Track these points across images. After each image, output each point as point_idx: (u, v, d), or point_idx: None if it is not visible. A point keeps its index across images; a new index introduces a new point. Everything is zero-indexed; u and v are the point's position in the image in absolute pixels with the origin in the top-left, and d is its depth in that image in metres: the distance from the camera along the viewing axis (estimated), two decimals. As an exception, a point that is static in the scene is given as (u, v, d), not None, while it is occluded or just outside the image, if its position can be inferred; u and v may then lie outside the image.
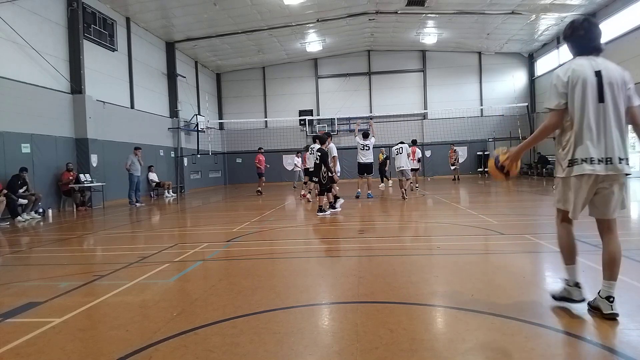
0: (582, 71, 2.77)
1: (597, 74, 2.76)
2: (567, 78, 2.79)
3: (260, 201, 14.15)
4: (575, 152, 2.77)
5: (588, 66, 2.79)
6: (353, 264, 4.69)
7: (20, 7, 12.08)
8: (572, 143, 2.79)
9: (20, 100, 11.93)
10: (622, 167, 2.72)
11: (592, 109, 2.73)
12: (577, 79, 2.76)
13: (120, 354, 2.54)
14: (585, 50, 2.87)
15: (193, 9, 17.60)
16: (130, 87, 17.67)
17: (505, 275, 3.99)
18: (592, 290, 3.00)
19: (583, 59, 2.84)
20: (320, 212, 9.08)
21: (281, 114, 26.45)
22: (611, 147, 2.71)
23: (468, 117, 25.15)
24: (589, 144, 2.72)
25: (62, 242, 7.36)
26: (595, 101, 2.73)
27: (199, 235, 6.84)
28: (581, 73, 2.77)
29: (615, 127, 2.72)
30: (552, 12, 19.12)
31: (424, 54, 26.61)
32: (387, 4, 19.38)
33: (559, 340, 2.51)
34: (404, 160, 12.47)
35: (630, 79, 2.84)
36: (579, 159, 2.75)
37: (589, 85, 2.74)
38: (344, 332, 2.75)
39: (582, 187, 2.76)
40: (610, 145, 2.71)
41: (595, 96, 2.73)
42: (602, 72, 2.76)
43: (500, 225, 6.94)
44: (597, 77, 2.75)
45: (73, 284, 4.22)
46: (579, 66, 2.81)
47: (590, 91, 2.74)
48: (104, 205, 14.02)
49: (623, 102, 2.77)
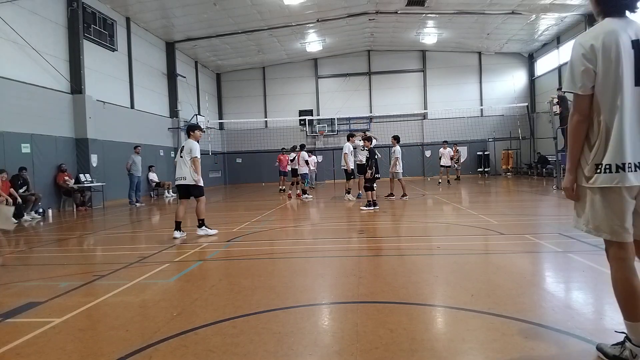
0: (615, 39, 1.99)
1: (635, 44, 1.99)
2: (596, 48, 2.02)
3: (261, 201, 14.16)
4: (605, 153, 2.06)
5: (623, 32, 2.00)
6: (353, 264, 4.69)
7: (20, 7, 12.08)
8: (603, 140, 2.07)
9: (20, 100, 11.93)
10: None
11: (629, 93, 2.01)
12: (610, 49, 2.00)
13: (120, 354, 2.54)
14: (616, 10, 2.07)
15: (193, 9, 17.61)
16: (130, 87, 17.68)
17: (505, 275, 3.99)
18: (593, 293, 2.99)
19: (615, 22, 2.05)
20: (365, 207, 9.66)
21: (281, 114, 26.46)
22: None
23: (468, 117, 25.15)
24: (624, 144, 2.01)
25: (62, 242, 7.36)
26: (631, 83, 2.00)
27: (199, 235, 6.84)
28: (615, 41, 1.99)
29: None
30: (552, 12, 19.11)
31: (424, 54, 26.61)
32: (387, 4, 19.38)
33: (559, 340, 2.51)
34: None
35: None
36: (614, 164, 2.03)
37: (625, 59, 1.98)
38: (344, 332, 2.75)
39: (613, 203, 2.07)
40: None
41: (631, 76, 2.00)
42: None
43: (500, 225, 6.94)
44: (634, 49, 1.99)
45: (73, 284, 4.22)
46: (610, 32, 2.01)
47: (627, 68, 1.99)
48: (104, 205, 14.02)
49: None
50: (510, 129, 24.64)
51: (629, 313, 2.08)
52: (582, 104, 2.09)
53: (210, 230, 6.98)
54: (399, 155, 11.95)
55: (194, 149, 6.83)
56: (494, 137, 25.21)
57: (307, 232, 7.46)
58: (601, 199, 2.09)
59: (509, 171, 24.71)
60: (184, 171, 6.82)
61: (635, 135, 2.03)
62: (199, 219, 6.96)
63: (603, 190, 2.07)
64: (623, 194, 2.05)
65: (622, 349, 2.11)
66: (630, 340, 2.09)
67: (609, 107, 2.03)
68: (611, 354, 2.15)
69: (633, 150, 2.02)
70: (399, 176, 12.06)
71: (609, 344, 2.21)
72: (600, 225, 2.10)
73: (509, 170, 24.71)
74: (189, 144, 6.91)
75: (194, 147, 6.85)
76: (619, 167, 2.01)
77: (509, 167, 24.71)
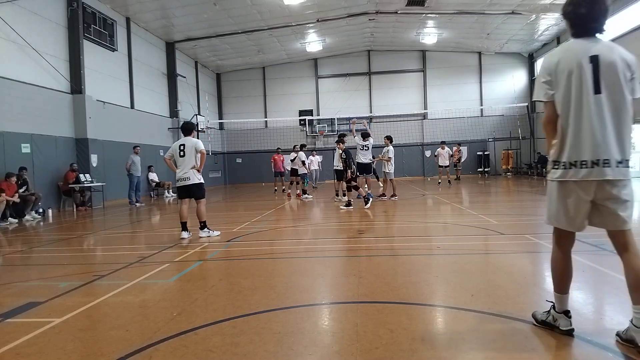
0: (573, 56, 2.37)
1: (594, 59, 2.33)
2: (554, 64, 2.42)
3: (260, 201, 14.16)
4: (562, 152, 2.40)
5: (582, 50, 2.37)
6: (353, 264, 4.69)
7: (20, 7, 12.08)
8: (560, 141, 2.41)
9: (20, 100, 11.93)
10: (620, 170, 2.31)
11: (585, 102, 2.32)
12: (566, 65, 2.38)
13: (120, 354, 2.54)
14: (583, 31, 2.43)
15: (193, 9, 17.61)
16: (130, 87, 17.68)
17: (505, 275, 3.99)
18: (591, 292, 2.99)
19: (579, 42, 2.43)
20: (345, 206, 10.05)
21: (281, 114, 26.46)
22: (606, 147, 2.30)
23: (468, 117, 25.16)
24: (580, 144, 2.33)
25: (62, 242, 7.36)
26: (590, 92, 2.32)
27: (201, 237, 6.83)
28: (572, 58, 2.37)
29: (612, 123, 2.31)
30: (552, 12, 19.12)
31: (424, 54, 26.61)
32: (387, 4, 19.38)
33: (559, 340, 2.51)
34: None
35: (635, 65, 2.38)
36: (567, 162, 2.37)
37: (582, 72, 2.33)
38: (344, 332, 2.75)
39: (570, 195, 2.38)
40: (605, 145, 2.30)
41: (589, 86, 2.32)
42: (600, 57, 2.33)
43: (500, 225, 6.94)
44: (592, 64, 2.33)
45: (73, 284, 4.22)
46: (569, 50, 2.41)
47: (583, 80, 2.33)
48: (104, 205, 14.02)
49: (627, 93, 2.33)
50: (510, 129, 24.65)
51: (558, 286, 2.56)
52: (546, 109, 2.50)
53: (213, 232, 6.90)
54: (391, 155, 11.97)
55: (199, 144, 6.75)
56: (494, 137, 25.22)
57: (307, 232, 7.46)
58: (557, 191, 2.45)
59: (509, 171, 24.70)
60: (187, 172, 6.70)
61: (594, 136, 2.31)
62: (201, 222, 6.84)
63: (560, 183, 2.42)
64: (575, 187, 2.36)
65: (548, 315, 2.61)
66: (554, 308, 2.57)
67: (565, 114, 2.39)
68: (540, 319, 2.65)
69: (591, 150, 2.31)
70: (390, 176, 12.08)
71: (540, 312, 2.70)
72: (553, 214, 2.50)
73: (509, 170, 24.70)
74: (192, 141, 6.77)
75: (199, 142, 6.78)
76: (572, 164, 2.36)
77: (509, 167, 24.71)
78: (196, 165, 6.70)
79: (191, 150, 6.68)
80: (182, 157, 6.69)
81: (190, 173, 6.70)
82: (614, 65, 2.33)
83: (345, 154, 10.40)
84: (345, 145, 10.82)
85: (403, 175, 24.64)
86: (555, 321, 2.54)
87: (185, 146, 6.71)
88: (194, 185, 6.74)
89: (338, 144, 10.92)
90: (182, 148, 6.71)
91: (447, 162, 18.25)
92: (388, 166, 11.96)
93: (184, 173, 6.70)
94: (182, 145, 6.74)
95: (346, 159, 10.30)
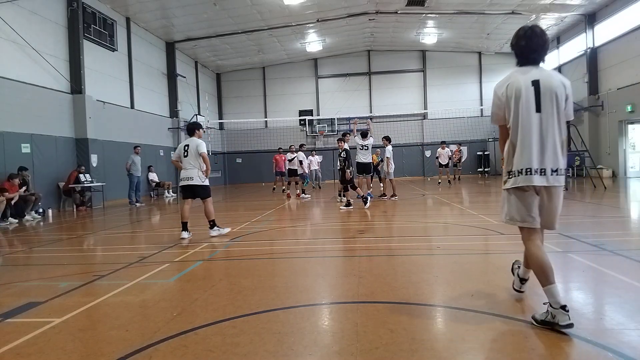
0: (517, 82, 2.75)
1: (535, 83, 2.72)
2: (503, 90, 2.81)
3: (260, 201, 14.16)
4: (513, 163, 2.77)
5: (525, 76, 2.76)
6: (353, 264, 4.69)
7: (20, 7, 12.08)
8: (510, 154, 2.79)
9: (20, 100, 11.93)
10: (555, 178, 2.70)
11: (529, 120, 2.70)
12: (513, 90, 2.75)
13: (120, 354, 2.54)
14: (525, 61, 2.83)
15: (193, 9, 17.61)
16: (130, 87, 17.68)
17: (505, 275, 3.99)
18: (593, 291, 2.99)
19: (522, 69, 2.82)
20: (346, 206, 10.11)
21: (281, 114, 26.47)
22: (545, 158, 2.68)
23: (468, 117, 25.16)
24: (526, 155, 2.70)
25: (62, 242, 7.36)
26: (532, 111, 2.71)
27: (199, 235, 6.84)
28: (517, 84, 2.75)
29: (552, 138, 2.70)
30: (552, 12, 19.13)
31: (424, 54, 26.62)
32: (387, 4, 19.39)
33: (559, 340, 2.51)
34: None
35: (570, 88, 2.78)
36: (516, 170, 2.75)
37: (526, 95, 2.71)
38: (344, 332, 2.75)
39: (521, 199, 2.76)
40: (545, 156, 2.68)
41: (532, 106, 2.71)
42: (540, 82, 2.72)
43: (500, 225, 6.93)
44: (533, 87, 2.72)
45: (73, 284, 4.22)
46: (514, 78, 2.79)
47: (526, 101, 2.71)
48: (104, 205, 14.02)
49: (562, 112, 2.75)
50: (510, 129, 24.61)
51: (542, 279, 2.69)
52: (500, 130, 2.92)
53: (223, 230, 6.92)
54: (389, 155, 11.97)
55: (201, 146, 6.76)
56: (494, 137, 25.20)
57: (307, 232, 7.46)
58: (514, 196, 2.80)
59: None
60: (191, 171, 6.72)
61: (540, 148, 2.69)
62: (210, 220, 6.84)
63: (515, 189, 2.78)
64: (529, 190, 2.73)
65: (546, 314, 2.67)
66: (550, 305, 2.63)
67: (515, 130, 2.76)
68: (539, 319, 2.70)
69: (538, 160, 2.69)
70: (390, 176, 12.09)
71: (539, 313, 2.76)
72: (514, 216, 2.82)
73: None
74: (195, 142, 6.79)
75: (201, 144, 6.79)
76: (520, 172, 2.73)
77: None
78: (201, 168, 6.75)
79: (194, 151, 6.75)
80: (185, 158, 6.78)
81: (193, 173, 6.74)
82: (552, 88, 2.71)
83: (345, 154, 10.41)
84: (346, 144, 10.81)
85: (403, 175, 24.66)
86: (554, 317, 2.58)
87: (189, 147, 6.79)
88: (197, 186, 6.78)
89: (339, 142, 10.90)
90: (186, 148, 6.80)
91: (447, 161, 18.27)
92: (389, 166, 11.99)
93: (187, 173, 6.76)
94: (186, 146, 6.83)
95: (345, 159, 10.31)
